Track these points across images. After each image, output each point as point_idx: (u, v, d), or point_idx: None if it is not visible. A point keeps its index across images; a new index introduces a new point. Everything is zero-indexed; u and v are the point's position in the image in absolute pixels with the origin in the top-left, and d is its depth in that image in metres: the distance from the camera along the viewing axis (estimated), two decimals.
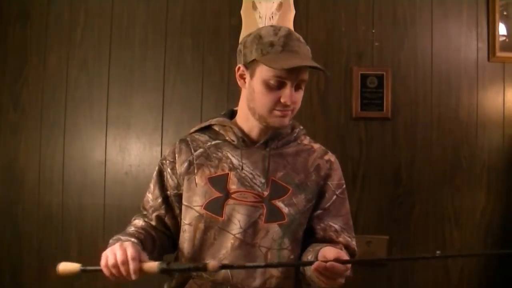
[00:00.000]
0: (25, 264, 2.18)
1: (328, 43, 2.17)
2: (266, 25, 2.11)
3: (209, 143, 1.26)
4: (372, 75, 2.14)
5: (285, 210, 1.18)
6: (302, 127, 1.32)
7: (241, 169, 1.20)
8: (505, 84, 2.16)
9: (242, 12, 2.18)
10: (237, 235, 1.16)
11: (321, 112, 2.16)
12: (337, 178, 1.27)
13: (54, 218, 2.18)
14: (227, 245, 1.16)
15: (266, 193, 1.18)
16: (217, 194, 1.19)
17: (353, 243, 1.24)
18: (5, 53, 2.23)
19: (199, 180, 1.21)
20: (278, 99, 1.15)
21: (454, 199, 2.14)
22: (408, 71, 2.16)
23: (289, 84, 1.14)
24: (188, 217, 1.21)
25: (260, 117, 1.19)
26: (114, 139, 2.20)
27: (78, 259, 1.08)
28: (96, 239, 2.15)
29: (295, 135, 1.28)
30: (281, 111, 1.16)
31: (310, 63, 1.14)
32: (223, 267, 1.01)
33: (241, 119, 1.26)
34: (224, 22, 2.19)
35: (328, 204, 1.24)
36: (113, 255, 1.02)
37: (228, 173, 1.20)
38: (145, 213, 1.30)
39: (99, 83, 2.20)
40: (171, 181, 1.26)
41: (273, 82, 1.14)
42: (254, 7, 2.18)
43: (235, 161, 1.21)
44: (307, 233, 1.24)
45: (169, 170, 1.27)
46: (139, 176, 2.17)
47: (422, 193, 2.13)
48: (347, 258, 1.03)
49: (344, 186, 1.28)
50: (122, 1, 2.22)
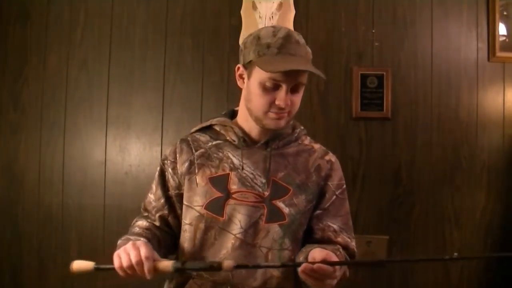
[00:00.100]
0: (25, 264, 2.19)
1: (328, 43, 2.17)
2: (266, 25, 2.13)
3: (210, 143, 1.26)
4: (372, 75, 2.14)
5: (286, 210, 1.18)
6: (303, 127, 1.31)
7: (242, 169, 1.20)
8: (505, 84, 2.16)
9: (242, 12, 2.18)
10: (237, 235, 1.16)
11: (321, 112, 2.16)
12: (337, 179, 1.27)
13: (54, 218, 2.19)
14: (228, 245, 1.16)
15: (266, 193, 1.18)
16: (217, 194, 1.18)
17: (353, 243, 1.24)
18: (5, 53, 2.23)
19: (200, 180, 1.21)
20: (273, 101, 1.14)
21: (454, 199, 2.14)
22: (408, 71, 2.16)
23: (284, 87, 1.13)
24: (188, 217, 1.21)
25: (256, 118, 1.19)
26: (114, 139, 2.20)
27: (78, 259, 1.08)
28: (96, 239, 2.15)
29: (296, 135, 1.28)
30: (276, 113, 1.15)
31: (304, 67, 1.12)
32: (238, 266, 1.00)
33: (242, 119, 1.26)
34: (224, 22, 2.20)
35: (327, 204, 1.24)
36: (126, 255, 1.01)
37: (229, 173, 1.20)
38: (146, 214, 1.29)
39: (99, 83, 2.20)
40: (172, 181, 1.26)
41: (268, 84, 1.13)
42: (254, 7, 2.18)
43: (236, 161, 1.21)
44: (306, 233, 1.24)
45: (170, 170, 1.26)
46: (139, 176, 2.17)
47: (422, 193, 2.14)
48: (335, 259, 1.03)
49: (344, 187, 1.28)
50: (122, 1, 2.22)
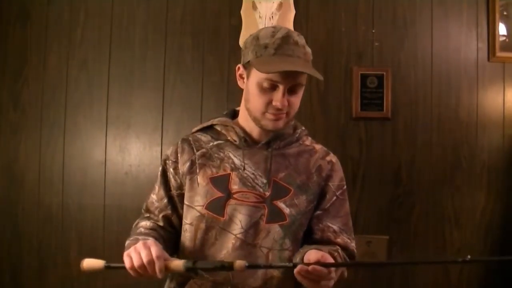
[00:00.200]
0: (25, 264, 2.18)
1: (328, 43, 2.17)
2: (266, 25, 2.13)
3: (211, 143, 1.26)
4: (372, 75, 2.14)
5: (287, 210, 1.18)
6: (304, 128, 1.31)
7: (243, 169, 1.20)
8: (505, 84, 2.16)
9: (242, 12, 2.18)
10: (238, 235, 1.16)
11: (321, 112, 2.16)
12: (338, 179, 1.27)
13: (54, 218, 2.18)
14: (228, 245, 1.16)
15: (267, 193, 1.18)
16: (218, 194, 1.18)
17: (352, 244, 1.24)
18: (5, 53, 2.23)
19: (201, 180, 1.21)
20: (270, 102, 1.14)
21: (454, 199, 2.14)
22: (408, 71, 2.16)
23: (281, 88, 1.12)
24: (189, 217, 1.21)
25: (254, 119, 1.19)
26: (114, 139, 2.20)
27: (78, 259, 1.08)
28: (96, 239, 2.15)
29: (297, 135, 1.28)
30: (273, 114, 1.15)
31: (300, 68, 1.11)
32: (250, 266, 1.00)
33: (243, 119, 1.26)
34: (224, 22, 2.19)
35: (328, 205, 1.24)
36: (137, 255, 1.01)
37: (230, 173, 1.20)
38: (147, 215, 1.29)
39: (99, 83, 2.20)
40: (173, 181, 1.26)
41: (265, 85, 1.13)
42: (254, 7, 2.17)
43: (237, 161, 1.21)
44: (306, 233, 1.24)
45: (171, 170, 1.26)
46: (139, 176, 2.17)
47: (422, 193, 2.14)
48: (331, 261, 1.03)
49: (345, 187, 1.28)
50: (122, 1, 2.22)
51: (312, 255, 1.03)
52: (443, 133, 2.15)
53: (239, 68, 1.22)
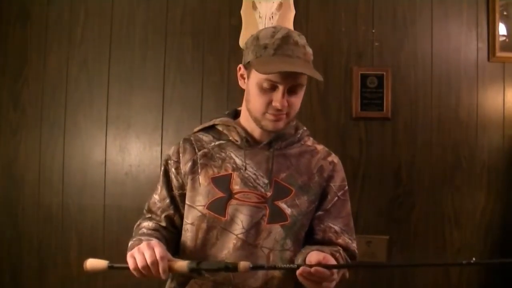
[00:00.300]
0: (25, 264, 2.18)
1: (328, 43, 2.17)
2: (266, 25, 2.13)
3: (212, 143, 1.26)
4: (372, 75, 2.14)
5: (288, 211, 1.18)
6: (305, 128, 1.31)
7: (244, 169, 1.20)
8: (505, 84, 2.16)
9: (242, 12, 2.18)
10: (239, 236, 1.16)
11: (321, 112, 2.16)
12: (339, 180, 1.27)
13: (54, 218, 2.18)
14: (229, 246, 1.16)
15: (269, 194, 1.18)
16: (220, 194, 1.18)
17: (353, 245, 1.24)
18: (5, 53, 2.23)
19: (202, 180, 1.21)
20: (270, 102, 1.14)
21: (454, 199, 2.14)
22: (408, 71, 2.16)
23: (281, 88, 1.12)
24: (190, 217, 1.21)
25: (255, 119, 1.19)
26: (114, 139, 2.20)
27: (78, 259, 1.08)
28: (96, 239, 2.15)
29: (298, 136, 1.28)
30: (273, 114, 1.15)
31: (299, 69, 1.11)
32: (254, 267, 1.00)
33: (244, 119, 1.26)
34: (224, 22, 2.19)
35: (329, 206, 1.24)
36: (141, 256, 1.01)
37: (232, 173, 1.20)
38: (149, 215, 1.28)
39: (99, 83, 2.20)
40: (175, 181, 1.26)
41: (265, 85, 1.13)
42: (254, 7, 2.17)
43: (238, 161, 1.21)
44: (307, 233, 1.24)
45: (173, 170, 1.26)
46: (139, 176, 2.17)
47: (422, 193, 2.14)
48: (333, 262, 1.03)
49: (346, 188, 1.28)
50: (122, 1, 2.21)
51: (314, 256, 1.03)
52: (443, 133, 2.15)
53: (240, 68, 1.22)
